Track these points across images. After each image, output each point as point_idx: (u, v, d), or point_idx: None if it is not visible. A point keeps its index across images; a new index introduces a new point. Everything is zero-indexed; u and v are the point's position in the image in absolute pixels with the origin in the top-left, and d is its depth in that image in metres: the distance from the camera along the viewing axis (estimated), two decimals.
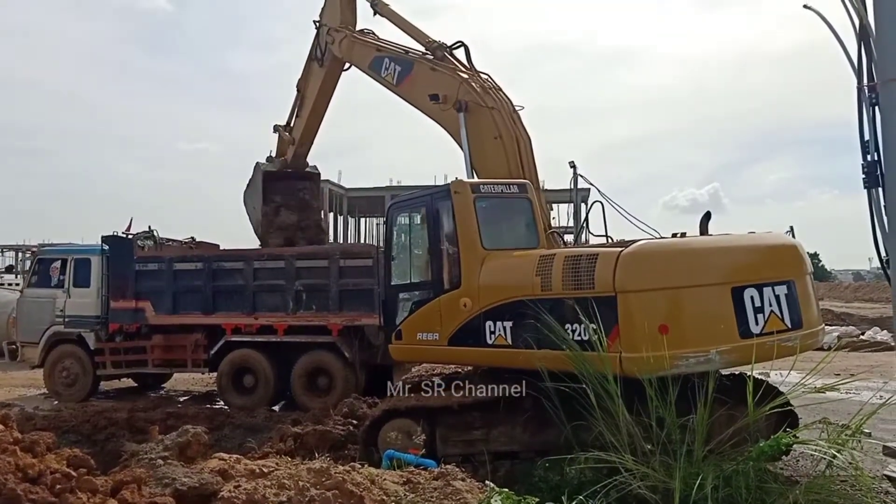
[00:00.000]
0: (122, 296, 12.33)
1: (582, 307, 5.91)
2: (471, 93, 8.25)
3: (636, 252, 5.97)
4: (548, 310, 6.12)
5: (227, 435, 9.21)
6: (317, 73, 11.55)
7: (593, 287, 5.95)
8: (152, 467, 4.20)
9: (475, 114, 8.16)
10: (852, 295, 49.66)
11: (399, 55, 9.40)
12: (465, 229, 7.10)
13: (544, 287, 6.31)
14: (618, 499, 4.86)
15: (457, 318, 6.94)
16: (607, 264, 5.89)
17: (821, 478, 5.37)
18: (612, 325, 5.76)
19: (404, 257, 8.14)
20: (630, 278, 5.81)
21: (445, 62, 8.83)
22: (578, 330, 5.97)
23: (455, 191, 7.25)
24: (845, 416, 5.92)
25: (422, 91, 8.98)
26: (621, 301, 5.77)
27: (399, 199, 8.39)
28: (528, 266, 6.53)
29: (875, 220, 3.82)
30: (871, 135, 3.79)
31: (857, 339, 19.77)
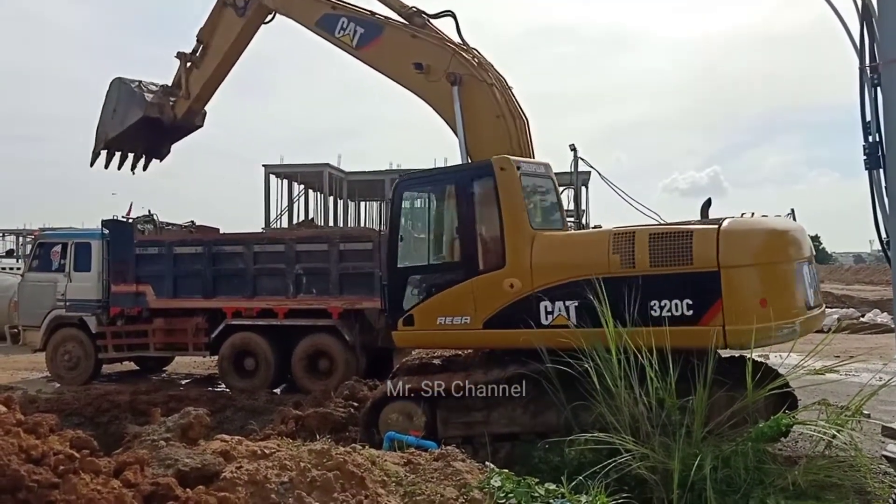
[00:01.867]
0: (122, 280, 12.37)
1: (673, 283, 6.01)
2: (465, 65, 7.77)
3: (735, 229, 6.13)
4: (628, 287, 6.09)
5: (229, 417, 9.29)
6: (232, 23, 10.17)
7: (691, 263, 6.00)
8: (155, 448, 4.22)
9: (472, 88, 7.69)
10: (853, 277, 49.73)
11: (363, 16, 8.66)
12: (511, 208, 6.84)
13: (625, 264, 6.23)
14: (617, 479, 4.90)
15: (499, 300, 6.70)
16: (707, 240, 5.98)
17: (819, 458, 5.40)
18: (712, 299, 5.88)
19: (418, 238, 7.80)
20: (734, 254, 5.97)
21: (427, 30, 8.31)
22: (668, 306, 6.04)
23: (501, 167, 6.92)
24: (844, 397, 5.95)
25: (396, 58, 8.40)
26: (725, 276, 5.89)
27: (410, 176, 7.92)
28: (601, 244, 6.41)
29: (876, 202, 3.81)
30: (873, 116, 3.77)
31: (856, 322, 19.82)
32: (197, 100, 10.85)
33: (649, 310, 6.06)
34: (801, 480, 5.06)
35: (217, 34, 10.39)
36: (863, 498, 5.32)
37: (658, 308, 6.06)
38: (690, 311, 5.95)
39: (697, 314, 5.94)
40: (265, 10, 9.87)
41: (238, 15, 9.98)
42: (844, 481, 5.33)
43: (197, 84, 10.85)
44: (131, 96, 11.55)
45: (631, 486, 5.03)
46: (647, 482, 5.00)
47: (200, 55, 10.58)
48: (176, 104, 11.30)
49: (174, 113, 11.37)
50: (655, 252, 6.15)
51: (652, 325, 5.91)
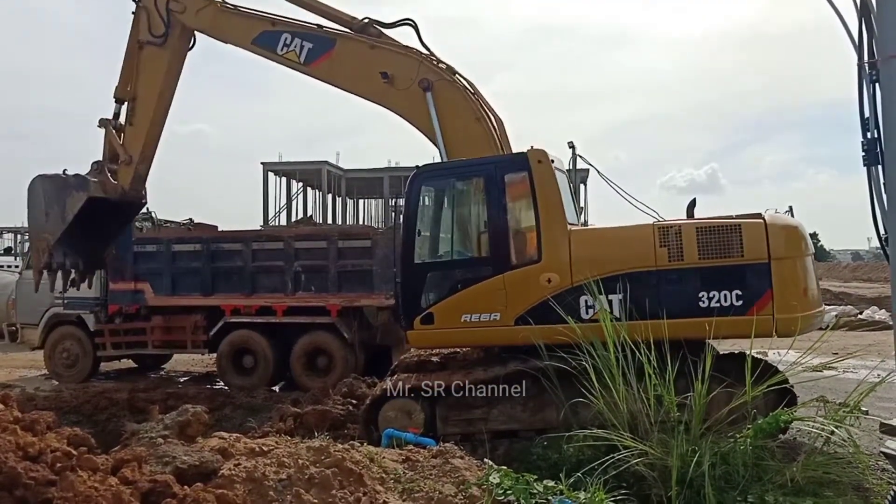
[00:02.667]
0: (120, 277, 12.34)
1: (723, 275, 6.23)
2: (435, 71, 7.67)
3: (779, 223, 6.46)
4: (676, 279, 6.34)
5: (228, 415, 9.28)
6: (156, 59, 9.22)
7: (742, 255, 6.23)
8: (152, 446, 4.22)
9: (446, 92, 7.59)
10: (851, 275, 49.77)
11: (309, 30, 8.34)
12: (547, 201, 6.76)
13: (673, 257, 6.36)
14: (615, 476, 4.89)
15: (533, 295, 6.61)
16: (757, 233, 6.25)
17: (818, 455, 5.39)
18: (762, 290, 6.16)
19: (438, 233, 7.55)
20: (783, 246, 6.28)
21: (384, 39, 8.09)
22: (717, 297, 6.22)
23: (538, 160, 6.84)
24: (843, 394, 5.95)
25: (355, 70, 8.12)
26: (776, 267, 6.17)
27: (430, 168, 7.46)
28: (646, 238, 6.48)
29: (874, 199, 3.79)
30: (872, 112, 3.75)
31: (854, 319, 19.85)
32: (142, 159, 9.62)
33: (698, 301, 6.26)
34: (800, 477, 5.06)
35: (142, 80, 9.38)
36: (861, 494, 5.32)
37: (707, 299, 6.27)
38: (740, 301, 6.19)
39: (747, 304, 6.16)
40: (189, 34, 9.22)
41: (159, 46, 9.17)
42: (843, 478, 5.33)
43: (137, 143, 9.61)
44: (63, 188, 10.05)
45: (629, 483, 5.02)
46: (645, 479, 4.99)
47: (130, 111, 9.48)
48: (118, 175, 9.90)
49: (119, 186, 9.96)
50: (704, 245, 6.33)
51: (700, 316, 6.12)
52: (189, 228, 14.03)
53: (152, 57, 9.20)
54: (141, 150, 9.36)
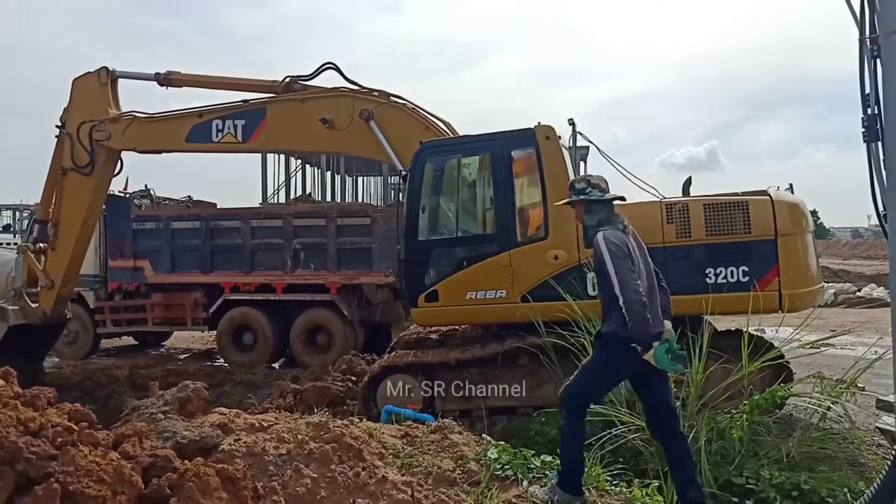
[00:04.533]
0: (120, 254, 12.37)
1: (731, 251, 6.32)
2: (370, 100, 7.55)
3: (785, 200, 6.52)
4: (684, 256, 6.39)
5: (228, 391, 9.35)
6: (80, 187, 8.52)
7: (749, 231, 6.32)
8: (153, 421, 4.24)
9: (389, 116, 7.47)
10: (850, 252, 49.79)
11: (236, 108, 8.00)
12: (555, 178, 6.70)
13: (681, 234, 6.43)
14: (612, 451, 4.94)
15: (540, 272, 6.61)
16: (764, 210, 6.33)
17: (814, 430, 5.44)
18: (768, 266, 6.25)
19: (444, 209, 7.44)
20: (789, 222, 6.35)
21: (310, 90, 7.89)
22: (724, 273, 6.31)
23: (546, 136, 6.77)
24: (840, 370, 5.98)
25: (293, 129, 7.90)
26: (782, 243, 6.27)
27: (435, 143, 7.23)
28: (654, 215, 6.51)
29: (874, 175, 3.77)
30: (872, 88, 3.72)
31: (853, 296, 19.93)
32: (64, 283, 8.91)
33: (705, 277, 6.33)
34: (796, 452, 5.11)
35: (65, 208, 8.66)
36: (856, 469, 5.37)
37: (714, 275, 6.34)
38: (747, 277, 6.26)
39: (754, 281, 6.21)
40: (115, 157, 8.72)
41: (85, 175, 8.48)
42: (838, 453, 5.38)
43: (59, 267, 8.87)
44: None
45: (626, 458, 5.07)
46: (642, 454, 5.05)
47: (53, 235, 8.78)
48: (40, 299, 9.15)
49: (41, 310, 9.13)
50: (712, 221, 6.40)
51: (709, 291, 6.18)
52: (188, 206, 14.01)
53: (76, 185, 8.56)
54: (63, 274, 8.74)
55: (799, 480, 4.86)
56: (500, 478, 3.95)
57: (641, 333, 3.95)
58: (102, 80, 8.29)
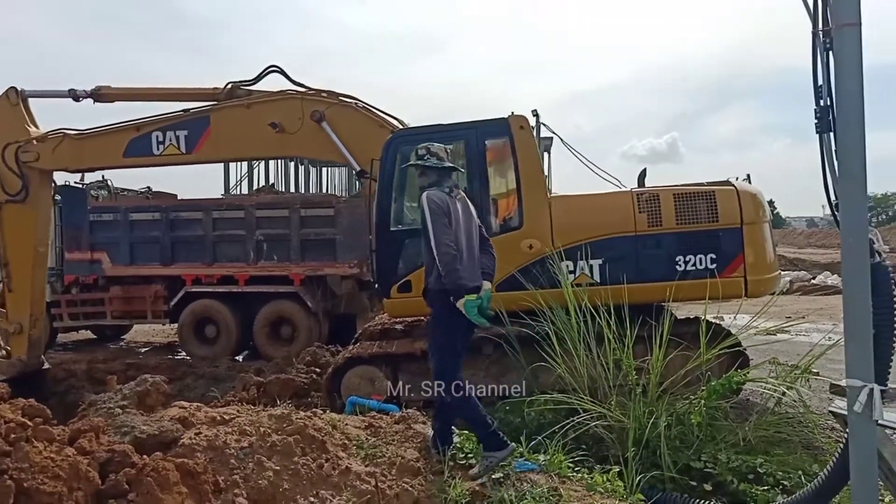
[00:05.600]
0: (76, 247, 12.11)
1: (699, 239, 6.51)
2: (319, 101, 7.36)
3: (748, 189, 6.72)
4: (655, 244, 6.56)
5: (190, 385, 9.23)
6: (21, 216, 7.85)
7: (717, 220, 6.52)
8: (111, 416, 4.16)
9: (340, 116, 7.30)
10: (805, 241, 51.02)
11: (178, 119, 7.58)
12: (528, 168, 6.74)
13: (652, 223, 6.56)
14: (575, 438, 5.00)
15: (514, 261, 6.59)
16: (730, 199, 6.55)
17: (769, 415, 5.57)
18: (734, 253, 6.47)
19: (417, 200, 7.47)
20: (754, 211, 6.57)
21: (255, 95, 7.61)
22: (693, 260, 6.50)
23: (520, 126, 6.77)
24: (796, 357, 6.12)
25: (241, 135, 7.56)
26: (748, 231, 6.49)
27: (407, 132, 7.13)
28: (625, 204, 6.64)
29: (826, 165, 3.85)
30: (825, 79, 3.79)
31: (808, 284, 20.43)
32: (33, 324, 8.25)
33: (675, 265, 6.49)
34: (752, 436, 5.23)
35: (11, 243, 8.05)
36: (810, 452, 5.52)
37: (683, 263, 6.51)
38: (714, 264, 6.46)
39: (721, 267, 6.44)
40: (49, 177, 8.26)
41: (21, 202, 7.87)
42: (793, 437, 5.52)
43: (22, 309, 8.20)
44: None
45: (588, 445, 5.14)
46: (604, 440, 5.11)
47: (6, 276, 8.24)
48: (12, 346, 8.49)
49: (17, 360, 8.41)
50: (682, 210, 6.57)
51: (677, 279, 6.35)
52: (147, 197, 13.75)
53: (15, 216, 7.92)
54: (30, 315, 8.04)
55: (755, 463, 4.98)
56: (464, 466, 3.97)
57: (452, 283, 4.29)
58: (13, 100, 7.75)
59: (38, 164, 7.69)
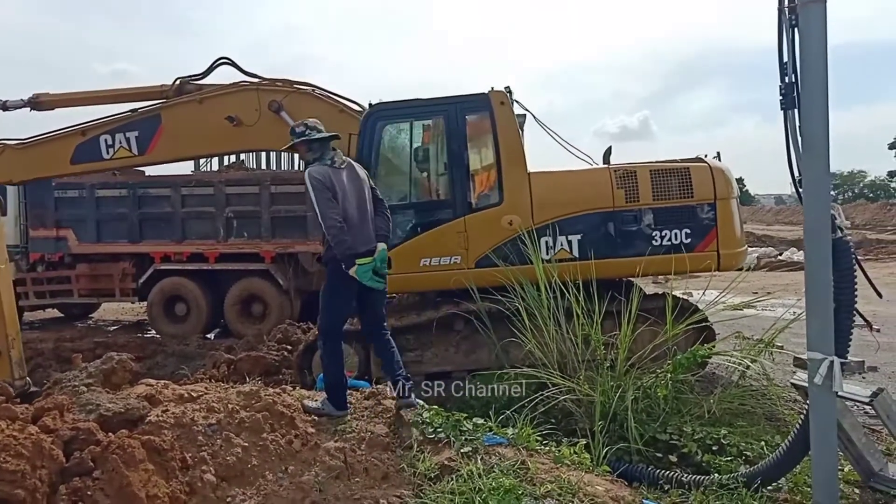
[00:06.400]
0: (41, 224, 11.88)
1: (675, 214, 6.66)
2: (276, 90, 7.13)
3: (720, 166, 6.89)
4: (632, 219, 6.67)
5: (160, 363, 9.15)
6: None
7: (692, 196, 6.67)
8: (75, 394, 4.11)
9: (298, 104, 7.07)
10: (773, 218, 51.83)
11: (126, 120, 7.19)
12: (509, 144, 6.71)
13: (629, 199, 6.66)
14: (544, 412, 5.06)
15: (494, 237, 6.62)
16: (704, 176, 6.71)
17: (733, 388, 5.68)
18: (708, 228, 6.65)
19: (396, 175, 7.27)
20: (726, 187, 6.73)
21: (206, 90, 7.30)
22: (669, 235, 6.65)
23: (500, 101, 6.72)
24: (761, 331, 6.25)
25: (196, 132, 7.23)
26: (721, 207, 6.66)
27: (384, 106, 6.97)
28: (604, 180, 6.73)
29: (790, 142, 3.90)
30: (790, 56, 3.83)
31: (775, 260, 20.77)
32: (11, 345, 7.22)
33: (651, 240, 6.62)
34: (716, 409, 5.32)
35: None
36: (773, 424, 5.64)
37: (659, 238, 6.66)
38: (689, 239, 6.63)
39: (695, 242, 6.62)
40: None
41: None
42: (757, 409, 5.64)
43: None
44: None
45: (558, 419, 5.21)
46: (573, 414, 5.18)
47: None
48: None
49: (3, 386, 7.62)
50: (658, 186, 6.70)
51: (653, 253, 6.52)
52: (114, 173, 13.47)
53: None
54: (5, 336, 7.26)
55: (719, 435, 5.07)
56: (433, 441, 4.00)
57: (342, 253, 4.55)
58: None
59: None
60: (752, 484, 4.30)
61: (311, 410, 4.40)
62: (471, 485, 3.51)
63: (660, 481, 4.61)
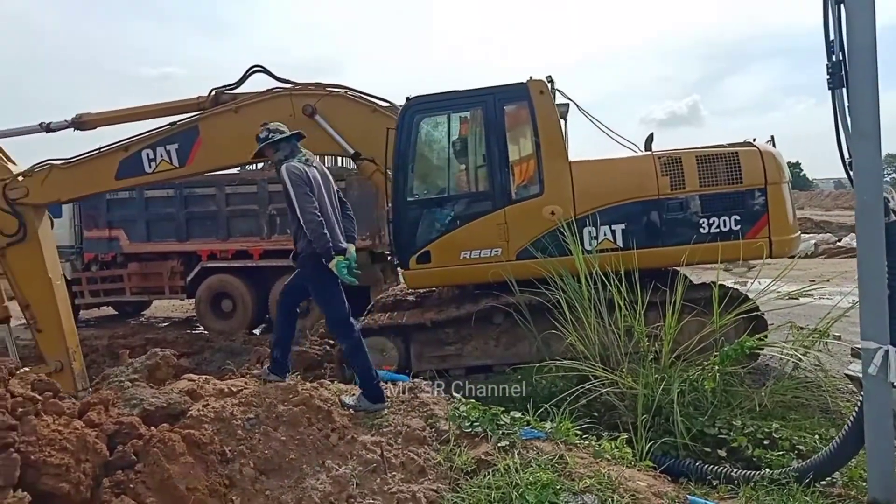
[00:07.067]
0: (94, 225, 12.24)
1: (723, 201, 6.50)
2: (308, 94, 7.16)
3: (771, 150, 6.71)
4: (678, 207, 6.55)
5: (207, 359, 9.32)
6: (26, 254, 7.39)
7: (741, 181, 6.50)
8: (120, 389, 4.21)
9: (331, 106, 7.10)
10: (832, 203, 49.99)
11: (165, 134, 7.29)
12: (548, 133, 6.64)
13: (675, 186, 6.54)
14: (586, 406, 4.97)
15: (535, 228, 6.55)
16: (754, 160, 6.55)
17: (786, 380, 5.49)
18: (759, 214, 6.48)
19: (434, 167, 7.30)
20: (777, 172, 6.56)
21: (242, 98, 7.37)
22: (717, 223, 6.49)
23: (539, 90, 6.65)
24: (817, 320, 6.02)
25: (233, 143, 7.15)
26: (772, 192, 6.48)
27: (422, 99, 6.92)
28: (647, 168, 6.61)
29: (839, 122, 3.74)
30: (836, 34, 3.66)
31: (833, 246, 20.05)
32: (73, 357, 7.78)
33: (699, 227, 6.48)
34: (768, 402, 5.16)
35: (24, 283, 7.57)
36: (829, 417, 5.44)
37: (707, 225, 6.51)
38: (739, 226, 6.47)
39: (745, 229, 6.46)
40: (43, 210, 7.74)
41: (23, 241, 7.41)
42: (811, 401, 5.44)
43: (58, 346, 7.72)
44: None
45: (600, 413, 5.11)
46: (616, 408, 5.08)
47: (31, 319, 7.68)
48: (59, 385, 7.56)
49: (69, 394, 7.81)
50: (705, 173, 6.55)
51: (701, 241, 6.38)
52: None
53: (21, 256, 7.51)
54: (66, 349, 7.63)
55: (770, 429, 4.91)
56: (470, 435, 3.96)
57: (322, 247, 4.61)
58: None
59: (30, 200, 7.36)
60: (804, 479, 4.15)
61: (347, 406, 4.41)
62: (507, 479, 3.46)
63: (707, 476, 4.49)
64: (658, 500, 3.36)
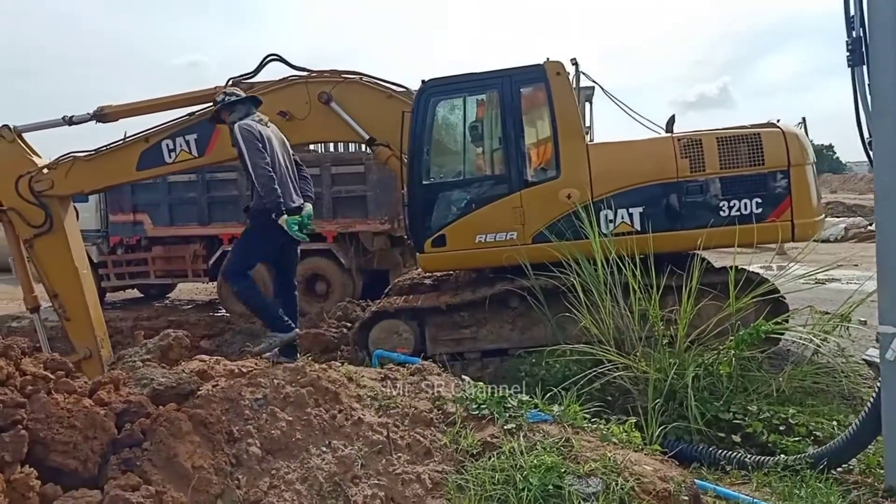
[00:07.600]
0: (119, 209, 12.41)
1: (745, 183, 6.36)
2: (324, 82, 7.10)
3: (794, 131, 6.56)
4: (698, 190, 6.43)
5: (228, 341, 9.43)
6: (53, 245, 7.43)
7: (763, 163, 6.35)
8: (132, 369, 4.26)
9: (347, 93, 7.03)
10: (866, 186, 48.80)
11: (184, 124, 7.30)
12: (566, 115, 6.55)
13: (694, 168, 6.43)
14: (600, 390, 4.92)
15: (552, 211, 6.48)
16: (777, 141, 6.37)
17: (805, 365, 5.38)
18: (781, 197, 6.34)
19: (450, 150, 7.28)
20: (800, 153, 6.39)
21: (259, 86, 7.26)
22: (738, 205, 6.37)
23: (556, 72, 6.56)
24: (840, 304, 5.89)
25: None
26: (795, 174, 6.33)
27: (438, 82, 6.86)
28: (666, 150, 6.50)
29: (859, 100, 3.63)
30: (857, 10, 3.55)
31: (864, 230, 19.64)
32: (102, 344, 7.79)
33: (719, 210, 6.37)
34: (786, 387, 5.07)
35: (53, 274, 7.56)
36: (848, 402, 5.34)
37: (727, 208, 6.39)
38: (760, 208, 6.34)
39: (767, 211, 6.33)
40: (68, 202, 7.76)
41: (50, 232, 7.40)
42: (831, 387, 5.33)
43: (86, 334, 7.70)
44: None
45: (614, 397, 5.07)
46: (629, 392, 5.03)
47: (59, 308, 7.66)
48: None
49: None
50: (726, 154, 6.40)
51: (722, 224, 6.27)
52: None
53: (48, 247, 7.53)
54: (95, 338, 7.66)
55: (787, 414, 4.83)
56: (477, 417, 3.94)
57: (272, 202, 4.75)
58: (8, 138, 7.44)
59: (55, 192, 7.44)
60: (819, 465, 4.08)
61: (262, 350, 4.70)
62: (512, 462, 3.44)
63: (720, 461, 4.44)
64: (664, 484, 3.31)
